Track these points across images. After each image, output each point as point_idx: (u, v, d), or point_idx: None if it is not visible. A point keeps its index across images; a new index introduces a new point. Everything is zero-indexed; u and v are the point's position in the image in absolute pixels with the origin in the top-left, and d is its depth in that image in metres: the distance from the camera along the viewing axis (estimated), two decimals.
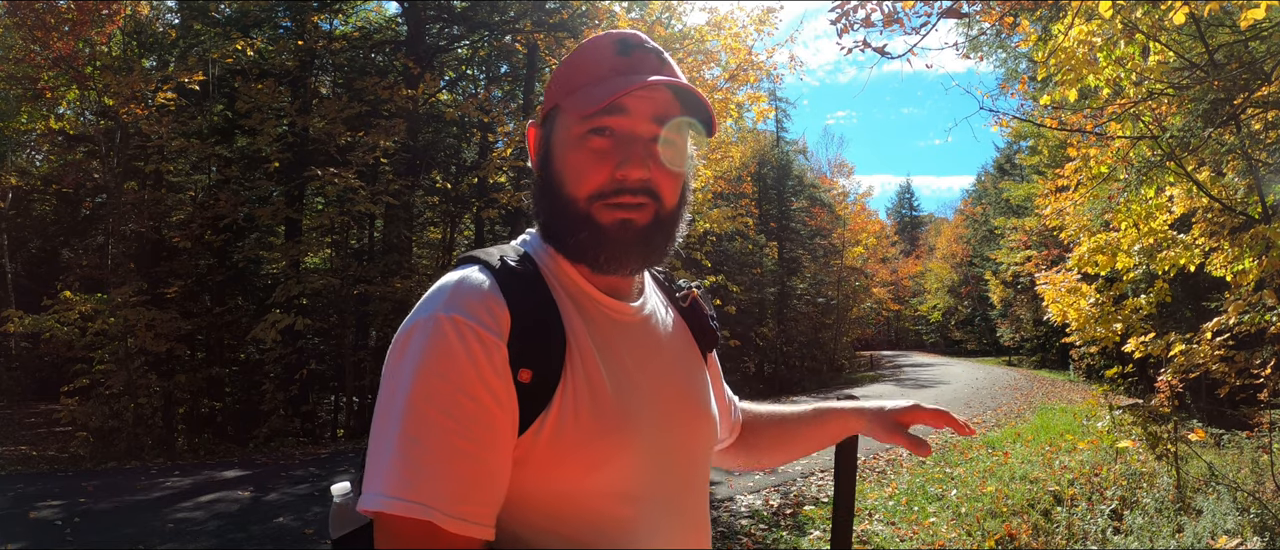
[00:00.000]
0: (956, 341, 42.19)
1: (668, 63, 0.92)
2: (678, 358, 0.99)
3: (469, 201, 13.71)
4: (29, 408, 13.77)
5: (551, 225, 0.91)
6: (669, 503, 0.91)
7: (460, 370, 0.76)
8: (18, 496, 6.42)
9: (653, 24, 12.85)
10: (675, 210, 0.92)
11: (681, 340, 1.03)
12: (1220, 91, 4.77)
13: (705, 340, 1.07)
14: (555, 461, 0.81)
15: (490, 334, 0.78)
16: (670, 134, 0.89)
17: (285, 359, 11.41)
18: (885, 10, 4.85)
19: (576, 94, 0.89)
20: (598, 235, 0.87)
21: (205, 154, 11.79)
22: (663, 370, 0.95)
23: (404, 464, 0.74)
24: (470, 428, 0.76)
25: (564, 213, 0.89)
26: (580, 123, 0.87)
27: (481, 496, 0.76)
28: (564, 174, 0.89)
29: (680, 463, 0.94)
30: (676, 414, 0.94)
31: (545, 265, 0.91)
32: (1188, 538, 4.54)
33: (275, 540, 5.26)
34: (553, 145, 0.91)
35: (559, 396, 0.82)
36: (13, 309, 10.07)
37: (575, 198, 0.88)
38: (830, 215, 28.36)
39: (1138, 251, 6.89)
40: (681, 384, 0.97)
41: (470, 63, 15.78)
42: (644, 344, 0.94)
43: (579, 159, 0.88)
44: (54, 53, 9.35)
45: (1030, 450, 8.42)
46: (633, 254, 0.89)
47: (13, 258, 14.55)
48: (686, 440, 0.95)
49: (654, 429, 0.89)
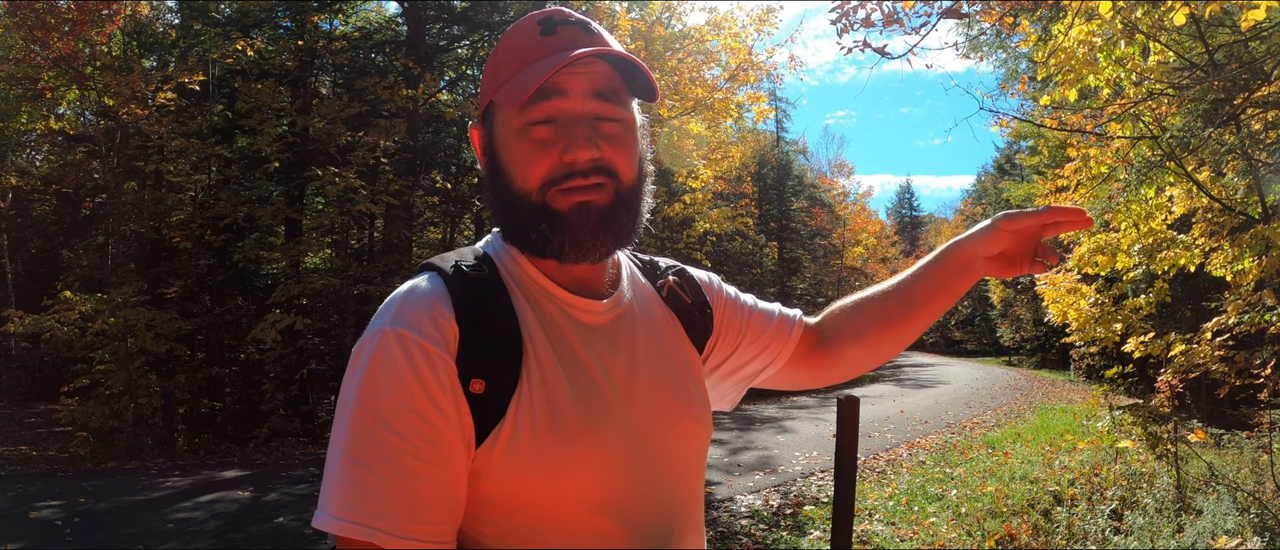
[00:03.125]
0: (956, 341, 42.18)
1: (597, 32, 0.87)
2: (658, 354, 0.93)
3: (469, 201, 13.72)
4: (29, 408, 13.77)
5: (509, 225, 0.87)
6: (650, 509, 0.85)
7: (405, 386, 0.74)
8: (18, 496, 6.42)
9: (653, 24, 12.85)
10: (635, 185, 0.88)
11: (665, 332, 0.97)
12: (1220, 91, 4.77)
13: (695, 326, 1.00)
14: (516, 472, 0.78)
15: (435, 348, 0.76)
16: (613, 108, 0.84)
17: (285, 359, 11.40)
18: (885, 10, 4.85)
19: (507, 85, 0.84)
20: (557, 224, 0.83)
21: (205, 154, 11.78)
22: (637, 370, 0.89)
23: (347, 484, 0.73)
24: (419, 445, 0.74)
25: (518, 208, 0.85)
26: (517, 114, 0.83)
27: (433, 514, 0.74)
28: (511, 169, 0.85)
29: (660, 467, 0.87)
30: (653, 416, 0.88)
31: (505, 267, 0.87)
32: (1188, 538, 4.54)
33: (275, 540, 5.26)
34: (496, 142, 0.87)
35: (514, 406, 0.79)
36: (13, 309, 10.08)
37: (527, 191, 0.84)
38: (830, 215, 28.37)
39: (1138, 251, 6.88)
40: (660, 382, 0.91)
41: (470, 63, 15.78)
42: (615, 344, 0.89)
43: (523, 151, 0.84)
44: (54, 53, 9.35)
45: (1030, 450, 8.42)
46: (598, 237, 0.84)
47: (13, 258, 14.55)
48: (666, 442, 0.89)
49: (624, 434, 0.84)
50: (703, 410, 0.96)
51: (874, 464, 8.10)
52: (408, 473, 0.73)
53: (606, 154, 0.83)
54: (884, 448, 9.22)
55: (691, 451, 0.94)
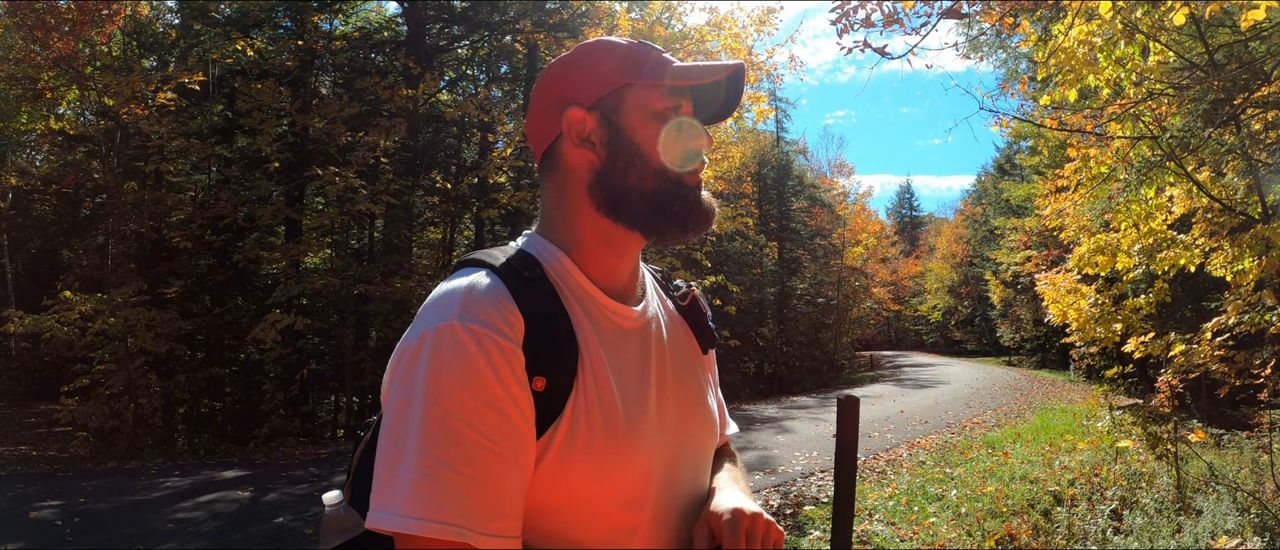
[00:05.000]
0: (956, 341, 42.18)
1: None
2: (680, 361, 0.98)
3: (469, 201, 13.71)
4: (29, 408, 13.77)
5: (630, 202, 0.89)
6: (674, 507, 0.90)
7: (483, 382, 0.75)
8: (18, 496, 6.42)
9: (653, 24, 12.84)
10: None
11: (682, 341, 1.01)
12: (1220, 91, 4.77)
13: (704, 339, 1.05)
14: (567, 468, 0.80)
15: (508, 342, 0.76)
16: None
17: (285, 359, 11.40)
18: (885, 10, 4.85)
19: (655, 69, 0.90)
20: (692, 205, 0.90)
21: (205, 154, 11.79)
22: (666, 375, 0.93)
23: (429, 483, 0.72)
24: (499, 441, 0.75)
25: (655, 183, 0.89)
26: (655, 93, 0.90)
27: (512, 509, 0.76)
28: (647, 147, 0.89)
29: (685, 467, 0.93)
30: (679, 419, 0.93)
31: (552, 269, 0.88)
32: (1188, 538, 4.54)
33: (274, 540, 5.26)
34: (624, 122, 0.90)
35: (571, 405, 0.80)
36: (13, 309, 10.07)
37: (665, 167, 0.89)
38: (830, 215, 28.35)
39: (1138, 252, 6.88)
40: (684, 388, 0.96)
41: (470, 63, 15.78)
42: (647, 349, 0.92)
43: (662, 128, 0.90)
44: (54, 53, 9.35)
45: (1030, 450, 8.42)
46: (710, 220, 0.93)
47: (13, 258, 14.56)
48: (689, 444, 0.94)
49: (658, 436, 0.88)
50: (712, 413, 1.01)
51: (874, 464, 8.09)
52: (489, 470, 0.74)
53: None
54: (884, 448, 9.22)
55: (707, 452, 1.00)
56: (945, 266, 41.93)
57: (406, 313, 12.25)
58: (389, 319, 12.08)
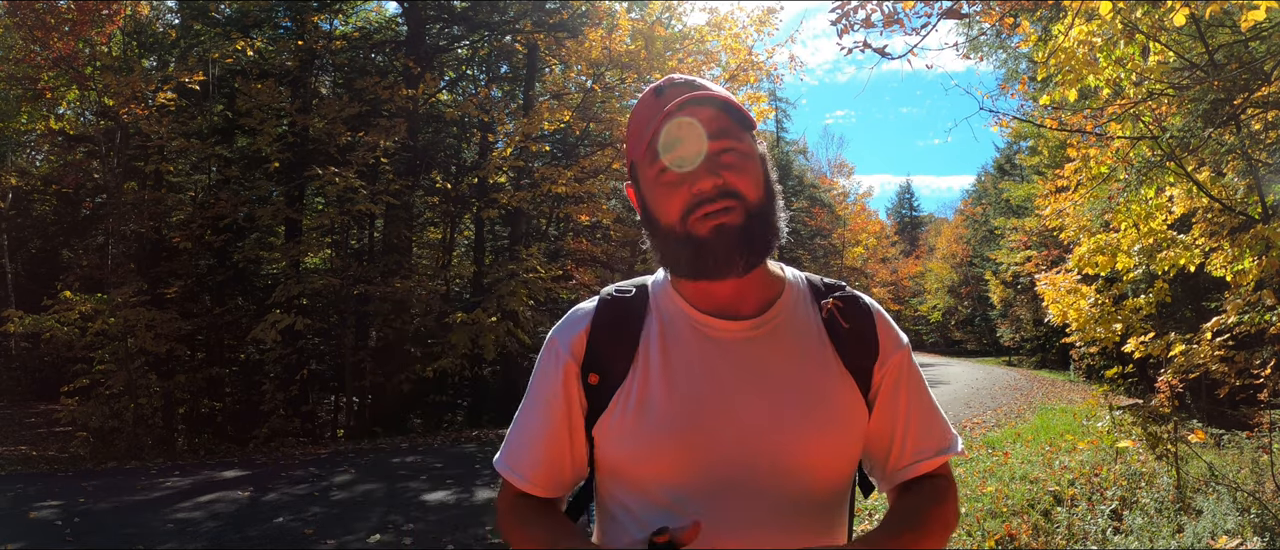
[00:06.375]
0: (956, 341, 42.15)
1: (701, 86, 1.02)
2: (787, 373, 1.01)
3: (469, 201, 13.71)
4: (29, 408, 13.77)
5: (665, 258, 1.04)
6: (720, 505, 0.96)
7: (543, 374, 1.07)
8: (18, 496, 6.42)
9: (653, 23, 12.84)
10: (764, 202, 1.01)
11: (809, 355, 1.03)
12: (1220, 92, 4.77)
13: (846, 350, 1.04)
14: (612, 446, 1.02)
15: (563, 352, 1.05)
16: (725, 142, 0.98)
17: (285, 359, 11.40)
18: (885, 11, 4.85)
19: (639, 146, 1.02)
20: (700, 247, 0.97)
21: (205, 154, 11.78)
22: (751, 385, 0.99)
23: (508, 434, 1.11)
24: (534, 412, 1.07)
25: (668, 241, 1.01)
26: (649, 166, 1.01)
27: (528, 460, 1.06)
28: (656, 211, 1.02)
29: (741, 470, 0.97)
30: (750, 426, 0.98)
31: (655, 293, 1.08)
32: (1188, 538, 4.54)
33: (274, 540, 5.26)
34: (643, 194, 1.04)
35: (616, 398, 1.02)
36: (13, 309, 10.07)
37: (671, 225, 1.00)
38: (830, 215, 28.38)
39: (1138, 252, 6.88)
40: (772, 398, 0.99)
41: (470, 63, 15.77)
42: (740, 359, 1.01)
43: (661, 194, 1.00)
44: (54, 53, 9.36)
45: (1030, 450, 8.41)
46: (736, 253, 0.97)
47: (13, 258, 14.56)
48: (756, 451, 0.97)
49: (709, 437, 0.97)
50: (829, 425, 1.01)
51: None
52: (522, 428, 1.08)
53: (728, 180, 0.97)
54: None
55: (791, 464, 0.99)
56: (945, 266, 41.90)
57: (406, 313, 12.25)
58: (389, 319, 12.08)
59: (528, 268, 11.80)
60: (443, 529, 5.63)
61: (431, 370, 11.91)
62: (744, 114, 1.00)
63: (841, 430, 1.02)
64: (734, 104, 0.99)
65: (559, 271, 12.39)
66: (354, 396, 12.40)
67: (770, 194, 1.02)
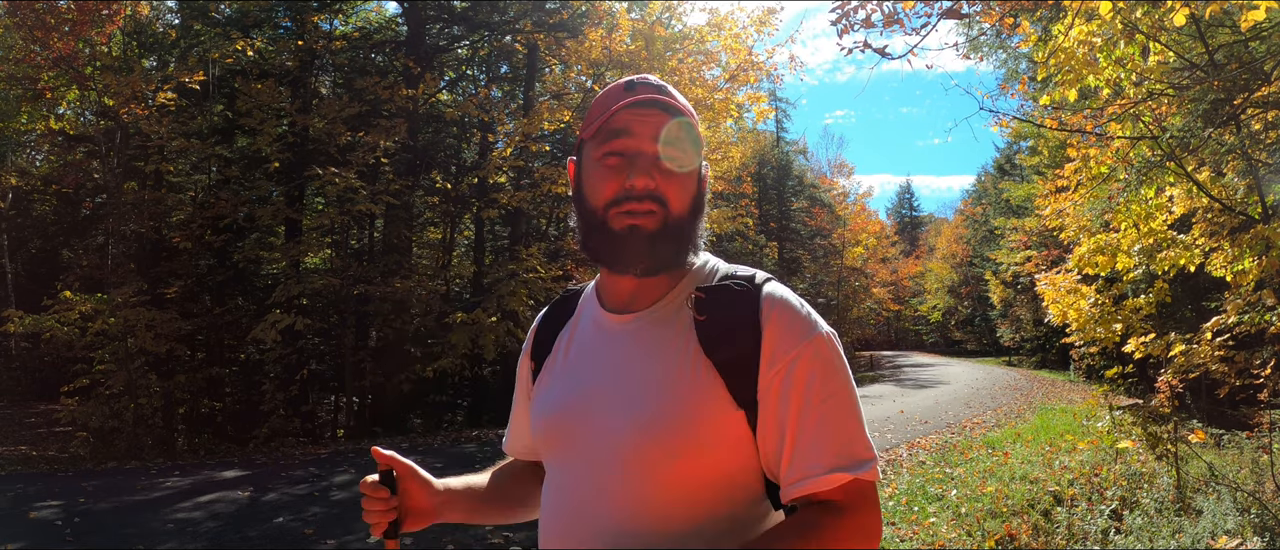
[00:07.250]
0: (956, 341, 42.16)
1: (668, 91, 1.05)
2: (644, 363, 1.00)
3: (469, 201, 13.70)
4: (29, 408, 13.76)
5: (584, 239, 1.07)
6: (576, 473, 1.03)
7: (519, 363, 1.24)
8: (18, 496, 6.42)
9: (653, 24, 12.83)
10: (685, 216, 1.03)
11: (671, 347, 0.99)
12: (1220, 92, 4.77)
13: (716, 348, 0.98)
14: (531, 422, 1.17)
15: (527, 343, 1.22)
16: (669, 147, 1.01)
17: (285, 359, 11.40)
18: (885, 11, 4.85)
19: (591, 126, 1.05)
20: (610, 240, 1.02)
21: (205, 154, 11.77)
22: (611, 372, 1.04)
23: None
24: (518, 398, 1.25)
25: (588, 223, 1.05)
26: (596, 147, 1.03)
27: (512, 434, 1.28)
28: (587, 191, 1.05)
29: (592, 447, 1.01)
30: (601, 409, 1.02)
31: (589, 291, 1.16)
32: (1188, 538, 4.54)
33: (274, 540, 5.26)
34: (582, 171, 1.08)
35: (538, 381, 1.16)
36: (13, 309, 10.07)
37: (595, 208, 1.03)
38: (830, 215, 28.37)
39: (1138, 252, 6.88)
40: (624, 385, 1.01)
41: (470, 63, 15.77)
42: (612, 349, 1.06)
43: (598, 176, 1.03)
44: (54, 53, 9.35)
45: (1030, 450, 8.41)
46: (640, 257, 1.00)
47: (13, 258, 14.56)
48: (602, 432, 1.00)
49: (573, 415, 1.05)
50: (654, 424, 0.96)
51: None
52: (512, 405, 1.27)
53: (661, 185, 1.00)
54: (884, 448, 9.22)
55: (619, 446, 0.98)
56: (945, 266, 41.90)
57: (406, 313, 12.25)
58: (389, 319, 12.07)
59: (528, 268, 11.80)
60: (443, 528, 5.61)
61: (431, 370, 11.91)
62: (697, 133, 1.04)
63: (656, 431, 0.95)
64: (692, 121, 1.04)
65: (559, 271, 12.38)
66: (354, 396, 12.40)
67: (696, 211, 1.05)
